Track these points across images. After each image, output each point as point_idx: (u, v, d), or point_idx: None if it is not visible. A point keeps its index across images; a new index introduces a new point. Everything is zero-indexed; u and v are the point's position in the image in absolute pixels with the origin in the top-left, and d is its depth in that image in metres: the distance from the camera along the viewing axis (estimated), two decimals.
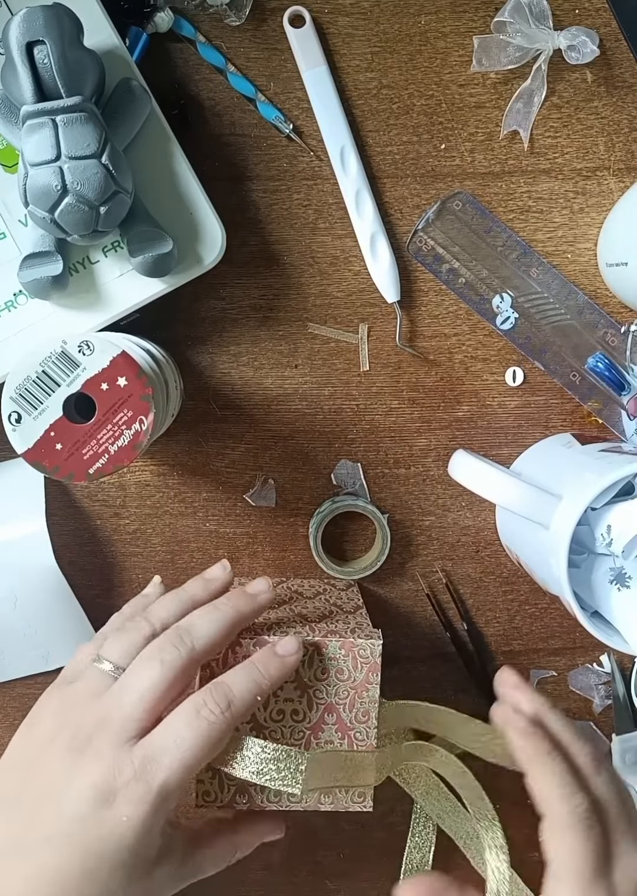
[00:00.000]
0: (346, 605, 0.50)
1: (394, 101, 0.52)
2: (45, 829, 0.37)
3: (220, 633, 0.41)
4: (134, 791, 0.37)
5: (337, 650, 0.43)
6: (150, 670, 0.39)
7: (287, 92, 0.52)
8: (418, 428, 0.55)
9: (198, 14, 0.51)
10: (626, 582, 0.45)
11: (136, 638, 0.41)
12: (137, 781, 0.37)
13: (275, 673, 0.41)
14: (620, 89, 0.52)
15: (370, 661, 0.43)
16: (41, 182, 0.43)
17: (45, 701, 0.42)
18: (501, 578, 0.56)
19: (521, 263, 0.53)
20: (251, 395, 0.54)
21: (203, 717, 0.38)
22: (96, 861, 0.37)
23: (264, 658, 0.42)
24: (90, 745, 0.38)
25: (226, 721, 0.39)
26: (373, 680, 0.43)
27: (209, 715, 0.39)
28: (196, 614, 0.42)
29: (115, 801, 0.37)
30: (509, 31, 0.50)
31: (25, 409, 0.42)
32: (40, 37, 0.42)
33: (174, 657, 0.39)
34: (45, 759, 0.39)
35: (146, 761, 0.37)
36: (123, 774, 0.37)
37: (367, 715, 0.43)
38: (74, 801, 0.37)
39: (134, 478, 0.54)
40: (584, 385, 0.53)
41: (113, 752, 0.38)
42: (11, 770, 0.41)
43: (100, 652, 0.42)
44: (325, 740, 0.43)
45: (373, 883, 0.57)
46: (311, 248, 0.53)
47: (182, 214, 0.49)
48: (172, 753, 0.38)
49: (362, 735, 0.43)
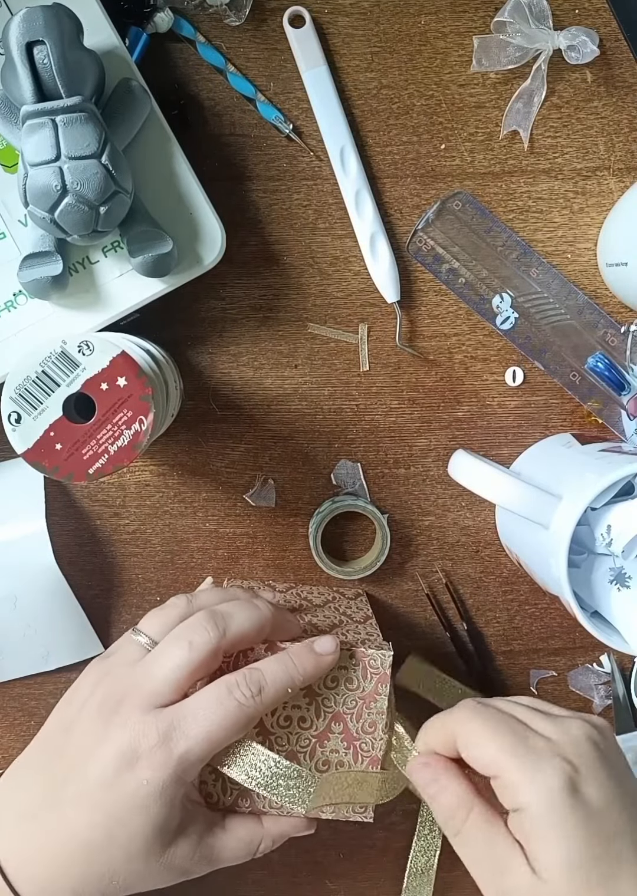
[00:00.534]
0: (356, 614, 0.50)
1: (394, 101, 0.52)
2: (73, 789, 0.39)
3: (254, 627, 0.41)
4: (156, 756, 0.38)
5: (347, 659, 0.43)
6: (179, 648, 0.40)
7: (287, 92, 0.52)
8: (418, 428, 0.55)
9: (198, 14, 0.51)
10: (626, 582, 0.45)
11: (173, 615, 0.42)
12: (160, 747, 0.38)
13: (309, 669, 0.41)
14: (620, 89, 0.52)
15: (380, 672, 0.43)
16: (41, 182, 0.43)
17: (86, 672, 0.43)
18: (501, 578, 0.56)
19: (520, 263, 0.53)
20: (251, 395, 0.54)
21: (234, 698, 0.39)
22: (117, 824, 0.38)
23: (301, 653, 0.42)
24: (119, 711, 0.39)
25: (255, 706, 0.39)
26: (381, 691, 0.43)
27: (240, 696, 0.39)
28: (234, 603, 0.42)
29: (137, 764, 0.38)
30: (509, 31, 0.50)
31: (25, 409, 0.42)
32: (40, 37, 0.42)
33: (203, 640, 0.40)
34: (78, 724, 0.40)
35: (171, 729, 0.38)
36: (148, 739, 0.38)
37: (374, 726, 0.43)
38: (100, 763, 0.38)
39: (134, 478, 0.54)
40: (584, 385, 0.53)
41: (139, 718, 0.38)
42: (50, 734, 0.42)
43: (138, 625, 0.43)
44: (330, 749, 0.43)
45: (373, 883, 0.57)
46: (311, 248, 0.53)
47: (182, 214, 0.49)
48: (199, 725, 0.38)
49: (368, 746, 0.43)
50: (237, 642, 0.41)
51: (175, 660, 0.39)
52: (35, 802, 0.40)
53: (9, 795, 0.41)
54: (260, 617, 0.42)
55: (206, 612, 0.41)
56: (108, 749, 0.38)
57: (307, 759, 0.43)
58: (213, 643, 0.40)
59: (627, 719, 0.56)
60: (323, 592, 0.53)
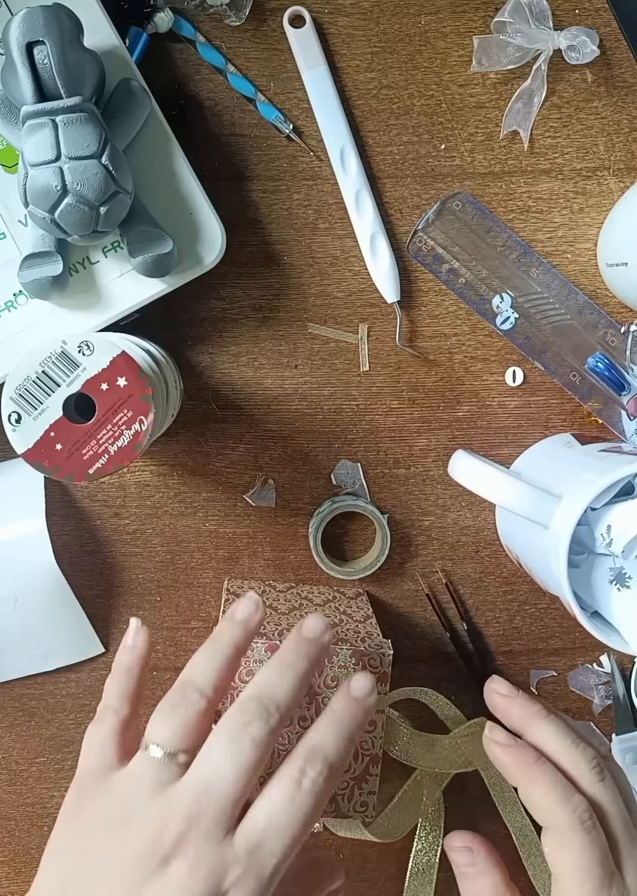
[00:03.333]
0: (356, 613, 0.50)
1: (394, 102, 0.52)
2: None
3: (301, 689, 0.37)
4: (245, 887, 0.33)
5: (347, 658, 0.43)
6: (240, 749, 0.34)
7: (287, 92, 0.52)
8: (418, 428, 0.55)
9: (198, 14, 0.51)
10: (626, 582, 0.45)
11: (190, 713, 0.36)
12: (247, 876, 0.33)
13: (361, 719, 0.37)
14: (620, 89, 0.52)
15: (379, 671, 0.43)
16: (41, 182, 0.43)
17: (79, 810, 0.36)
18: (501, 578, 0.56)
19: (521, 263, 0.53)
20: (251, 395, 0.54)
21: (306, 791, 0.34)
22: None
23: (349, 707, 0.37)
24: (180, 851, 0.33)
25: (328, 787, 0.35)
26: (381, 690, 0.43)
27: (312, 786, 0.34)
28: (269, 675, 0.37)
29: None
30: (509, 31, 0.50)
31: (25, 410, 0.42)
32: (40, 37, 0.42)
33: (264, 732, 0.35)
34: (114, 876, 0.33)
35: (255, 850, 0.33)
36: (232, 873, 0.33)
37: (374, 725, 0.43)
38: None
39: (134, 478, 0.54)
40: (584, 385, 0.53)
41: (212, 852, 0.33)
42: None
43: (147, 737, 0.36)
44: None
45: (373, 883, 0.57)
46: (311, 248, 0.53)
47: (182, 214, 0.49)
48: (280, 836, 0.33)
49: (368, 745, 0.43)
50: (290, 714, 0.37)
51: (239, 765, 0.34)
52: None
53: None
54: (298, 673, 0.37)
55: (253, 700, 0.36)
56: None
57: None
58: (274, 729, 0.35)
59: (627, 719, 0.56)
60: (323, 592, 0.53)
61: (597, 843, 0.39)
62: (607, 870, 0.39)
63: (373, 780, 0.43)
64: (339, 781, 0.42)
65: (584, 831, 0.39)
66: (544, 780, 0.40)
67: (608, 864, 0.39)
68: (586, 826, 0.39)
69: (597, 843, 0.39)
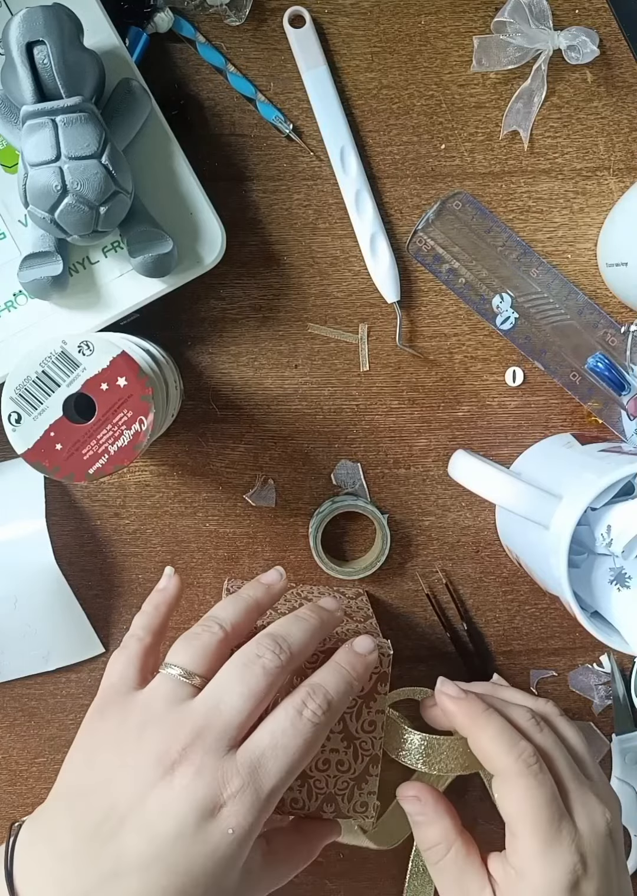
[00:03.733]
0: (356, 613, 0.50)
1: (394, 102, 0.52)
2: (136, 853, 0.34)
3: (312, 641, 0.40)
4: (242, 801, 0.35)
5: None
6: (251, 675, 0.37)
7: (287, 92, 0.52)
8: (418, 428, 0.55)
9: (198, 14, 0.51)
10: (626, 582, 0.45)
11: (210, 641, 0.39)
12: (245, 791, 0.35)
13: (361, 671, 0.40)
14: (620, 89, 0.52)
15: (379, 671, 0.43)
16: (41, 182, 0.43)
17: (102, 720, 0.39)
18: (501, 578, 0.56)
19: (521, 263, 0.53)
20: (251, 395, 0.54)
21: (306, 719, 0.37)
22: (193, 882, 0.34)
23: (350, 658, 0.41)
24: (186, 759, 0.35)
25: (327, 721, 0.38)
26: (381, 690, 0.43)
27: (312, 716, 0.37)
28: (284, 621, 0.40)
29: (219, 814, 0.35)
30: (509, 31, 0.50)
31: (25, 410, 0.42)
32: (40, 37, 0.42)
33: (275, 663, 0.38)
34: (125, 780, 0.36)
35: (253, 768, 0.35)
36: (231, 785, 0.35)
37: (374, 725, 0.43)
38: (174, 820, 0.34)
39: (134, 478, 0.54)
40: (584, 385, 0.53)
41: (215, 763, 0.35)
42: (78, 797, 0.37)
43: (167, 660, 0.39)
44: (330, 748, 0.43)
45: (373, 883, 0.57)
46: (311, 248, 0.53)
47: (182, 214, 0.49)
48: (279, 758, 0.36)
49: (368, 745, 0.43)
50: (300, 660, 0.39)
51: (248, 689, 0.37)
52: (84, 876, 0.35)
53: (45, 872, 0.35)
54: (311, 627, 0.40)
55: (267, 636, 0.39)
56: (182, 803, 0.35)
57: None
58: (284, 665, 0.38)
59: (627, 719, 0.56)
60: (323, 592, 0.53)
61: (544, 786, 0.41)
62: (557, 811, 0.40)
63: (373, 780, 0.43)
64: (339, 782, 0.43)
65: (531, 774, 0.41)
66: (492, 728, 0.42)
67: (557, 805, 0.40)
68: (533, 769, 0.41)
69: (544, 786, 0.41)
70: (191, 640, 0.39)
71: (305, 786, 0.43)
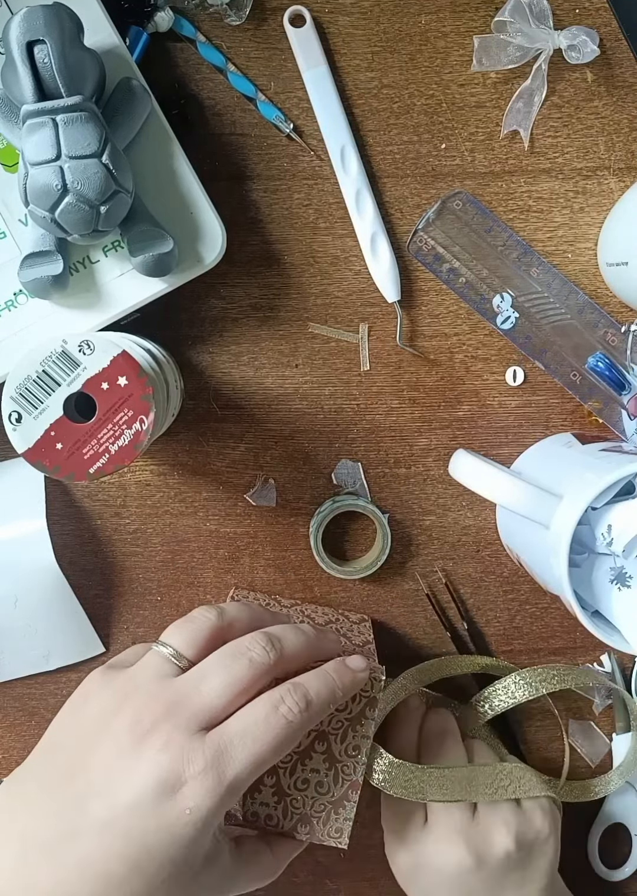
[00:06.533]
0: (356, 637, 0.50)
1: (394, 101, 0.52)
2: (95, 816, 0.35)
3: (306, 651, 0.40)
4: (203, 783, 0.35)
5: None
6: (237, 664, 0.38)
7: (287, 91, 0.52)
8: (419, 427, 0.55)
9: (198, 14, 0.51)
10: (627, 581, 0.45)
11: (204, 627, 0.40)
12: (207, 773, 0.35)
13: (348, 684, 0.40)
14: (620, 89, 0.52)
15: (369, 696, 0.43)
16: (41, 181, 0.43)
17: (95, 683, 0.40)
18: (502, 578, 0.56)
19: (521, 263, 0.53)
20: (251, 394, 0.54)
21: (281, 715, 0.37)
22: (148, 855, 0.35)
23: (338, 668, 0.41)
24: (156, 731, 0.36)
25: (302, 722, 0.38)
26: (369, 715, 0.43)
27: (288, 713, 0.37)
28: (283, 627, 0.41)
29: (179, 792, 0.35)
30: (509, 31, 0.50)
31: (26, 409, 0.41)
32: (40, 36, 0.42)
33: (263, 659, 0.38)
34: (99, 744, 0.37)
35: (219, 753, 0.36)
36: (194, 765, 0.35)
37: (358, 749, 0.43)
38: (134, 789, 0.35)
39: (134, 477, 0.54)
40: (585, 385, 0.53)
41: (183, 740, 0.36)
42: (56, 752, 0.38)
43: (162, 638, 0.40)
44: (311, 768, 0.43)
45: (373, 883, 0.57)
46: (312, 247, 0.53)
47: (182, 214, 0.49)
48: (248, 747, 0.36)
49: (350, 769, 0.43)
50: (290, 665, 0.40)
51: (231, 677, 0.37)
52: (44, 830, 0.36)
53: (9, 819, 0.37)
54: (308, 640, 0.41)
55: (261, 633, 0.39)
56: (144, 774, 0.35)
57: (286, 776, 0.42)
58: (271, 663, 0.38)
59: (627, 719, 0.55)
60: (327, 612, 0.53)
61: None
62: None
63: (351, 806, 0.43)
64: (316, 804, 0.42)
65: None
66: None
67: None
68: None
69: None
70: (185, 622, 0.40)
71: (282, 803, 0.42)
